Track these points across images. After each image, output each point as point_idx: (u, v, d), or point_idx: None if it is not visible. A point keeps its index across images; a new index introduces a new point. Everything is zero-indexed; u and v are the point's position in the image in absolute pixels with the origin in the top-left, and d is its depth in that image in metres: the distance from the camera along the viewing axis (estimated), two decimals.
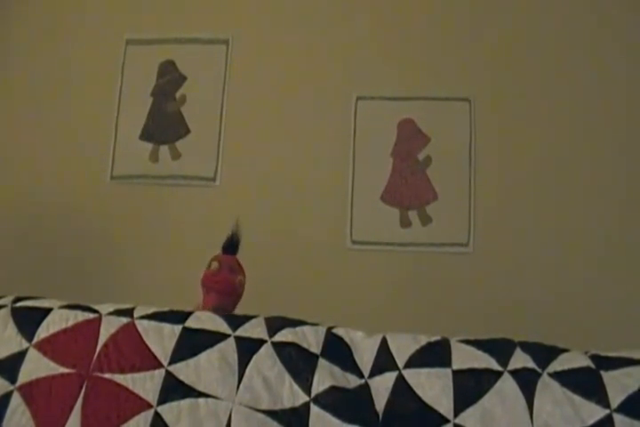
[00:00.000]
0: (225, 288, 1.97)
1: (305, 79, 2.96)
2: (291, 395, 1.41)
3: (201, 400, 1.38)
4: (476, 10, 2.94)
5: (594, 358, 1.48)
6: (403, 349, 1.50)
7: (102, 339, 1.45)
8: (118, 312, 1.52)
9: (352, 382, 1.45)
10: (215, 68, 2.99)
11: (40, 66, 3.04)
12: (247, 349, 1.46)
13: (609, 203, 2.72)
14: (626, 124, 2.79)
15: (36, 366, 1.41)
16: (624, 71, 2.83)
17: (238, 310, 1.96)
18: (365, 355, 1.51)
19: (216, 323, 1.51)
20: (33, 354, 1.42)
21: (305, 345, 1.48)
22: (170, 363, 1.42)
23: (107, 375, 1.40)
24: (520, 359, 1.47)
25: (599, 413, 1.37)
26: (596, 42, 2.86)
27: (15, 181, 2.94)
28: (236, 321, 1.53)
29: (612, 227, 2.70)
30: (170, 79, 3.00)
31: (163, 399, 1.37)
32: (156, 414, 1.35)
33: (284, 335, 1.49)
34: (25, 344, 1.44)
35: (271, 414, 1.38)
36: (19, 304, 1.54)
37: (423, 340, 1.53)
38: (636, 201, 2.72)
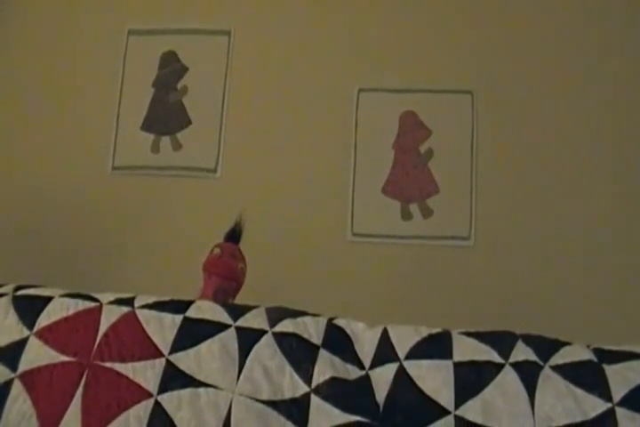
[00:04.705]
0: (226, 272, 2.00)
1: (307, 71, 2.95)
2: (291, 386, 1.41)
3: (201, 390, 1.38)
4: (479, 1, 2.93)
5: (596, 351, 1.48)
6: (404, 340, 1.50)
7: (103, 328, 1.45)
8: (119, 301, 1.52)
9: (353, 373, 1.45)
10: (217, 59, 2.98)
11: (41, 56, 3.03)
12: (248, 339, 1.46)
13: (611, 196, 2.72)
14: (627, 117, 2.78)
15: (37, 355, 1.41)
16: (626, 64, 2.82)
17: (239, 301, 1.96)
18: (366, 346, 1.51)
19: (217, 313, 1.51)
20: (34, 342, 1.42)
21: (306, 336, 1.48)
22: (170, 352, 1.42)
23: (107, 364, 1.40)
24: (522, 352, 1.47)
25: (601, 406, 1.37)
26: (598, 35, 2.85)
27: (16, 171, 2.93)
28: (237, 311, 1.52)
29: (613, 220, 2.70)
30: (171, 70, 2.99)
31: (163, 389, 1.37)
32: (157, 404, 1.35)
33: (284, 326, 1.49)
34: (26, 332, 1.44)
35: (271, 404, 1.38)
36: (20, 293, 1.54)
37: (424, 331, 1.53)
38: (637, 194, 2.72)
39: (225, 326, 1.48)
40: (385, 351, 1.49)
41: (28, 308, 1.49)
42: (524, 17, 2.90)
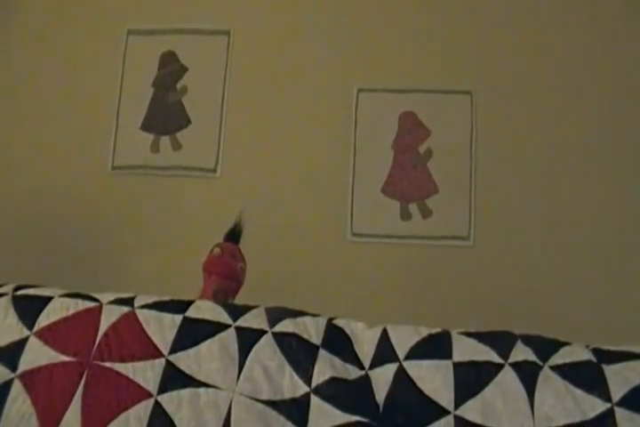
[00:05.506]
0: (226, 272, 2.01)
1: (306, 71, 2.95)
2: (291, 386, 1.40)
3: (201, 390, 1.38)
4: (478, 2, 2.93)
5: (595, 351, 1.48)
6: (403, 340, 1.50)
7: (103, 328, 1.45)
8: (119, 301, 1.52)
9: (352, 373, 1.45)
10: (216, 59, 2.99)
11: (41, 56, 3.03)
12: (248, 339, 1.46)
13: (610, 196, 2.72)
14: (627, 116, 2.79)
15: (37, 355, 1.40)
16: (626, 64, 2.82)
17: (239, 301, 1.96)
18: (366, 346, 1.50)
19: (216, 313, 1.51)
20: (34, 342, 1.42)
21: (305, 336, 1.47)
22: (170, 352, 1.42)
23: (107, 364, 1.39)
24: (521, 352, 1.47)
25: (600, 406, 1.36)
26: (598, 35, 2.85)
27: (16, 171, 2.93)
28: (237, 311, 1.52)
29: (613, 220, 2.70)
30: (171, 70, 2.99)
31: (163, 389, 1.37)
32: (157, 404, 1.35)
33: (284, 326, 1.49)
34: (26, 332, 1.44)
35: (271, 404, 1.37)
36: (20, 292, 1.54)
37: (424, 331, 1.53)
38: (637, 193, 2.72)
39: (225, 326, 1.47)
40: (385, 351, 1.48)
41: (28, 308, 1.49)
42: (524, 17, 2.90)
